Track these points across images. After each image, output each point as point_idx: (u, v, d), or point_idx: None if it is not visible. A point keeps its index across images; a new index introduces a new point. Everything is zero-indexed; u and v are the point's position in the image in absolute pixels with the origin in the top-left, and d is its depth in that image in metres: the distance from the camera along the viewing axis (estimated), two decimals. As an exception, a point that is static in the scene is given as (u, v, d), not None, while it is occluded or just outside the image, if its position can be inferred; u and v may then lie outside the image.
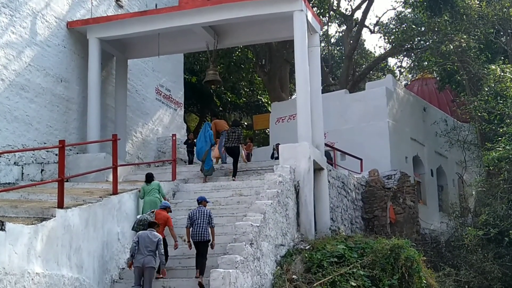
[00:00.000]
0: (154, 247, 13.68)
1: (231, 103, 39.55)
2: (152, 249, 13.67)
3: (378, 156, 25.01)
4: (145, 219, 15.02)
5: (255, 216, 15.74)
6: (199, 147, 20.42)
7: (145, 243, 13.67)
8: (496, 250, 21.72)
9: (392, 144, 25.81)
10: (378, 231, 22.07)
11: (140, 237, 13.77)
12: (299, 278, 16.45)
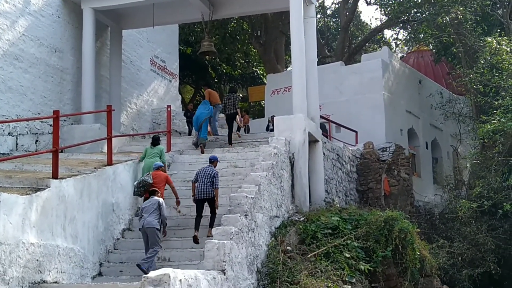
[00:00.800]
0: (154, 209, 14.10)
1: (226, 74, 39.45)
2: (153, 212, 14.07)
3: (373, 129, 25.01)
4: (143, 181, 15.48)
5: (250, 187, 15.76)
6: (198, 113, 20.42)
7: (147, 208, 14.20)
8: (489, 222, 21.84)
9: (387, 116, 25.80)
10: (373, 203, 22.14)
11: (143, 205, 14.40)
12: (294, 249, 16.52)
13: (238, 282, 14.12)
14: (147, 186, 15.43)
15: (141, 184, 15.55)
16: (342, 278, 15.87)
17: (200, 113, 20.41)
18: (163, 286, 10.81)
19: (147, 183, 15.47)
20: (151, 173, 15.83)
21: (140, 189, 15.56)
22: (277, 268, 15.47)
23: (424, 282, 18.52)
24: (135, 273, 13.84)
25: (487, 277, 21.24)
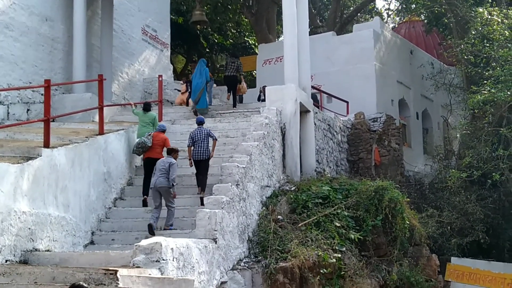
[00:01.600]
0: (166, 169, 14.57)
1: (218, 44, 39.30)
2: (164, 172, 14.54)
3: (364, 99, 25.05)
4: (143, 142, 16.11)
5: (241, 157, 15.84)
6: (194, 84, 20.45)
7: (159, 167, 14.76)
8: (478, 192, 22.00)
9: (378, 87, 25.83)
10: (363, 173, 22.25)
11: (157, 164, 14.94)
12: (284, 218, 16.65)
13: (229, 250, 14.26)
14: (145, 148, 16.12)
15: (140, 145, 16.17)
16: (332, 247, 16.03)
17: (195, 84, 20.43)
18: (154, 255, 10.91)
19: (145, 145, 16.09)
20: (152, 134, 16.31)
21: (139, 149, 16.20)
22: (268, 237, 15.60)
23: (413, 251, 18.72)
24: (127, 241, 13.96)
25: (475, 246, 21.44)
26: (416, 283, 17.46)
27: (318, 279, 15.28)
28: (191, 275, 11.87)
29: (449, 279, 18.96)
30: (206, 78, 20.53)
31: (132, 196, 16.16)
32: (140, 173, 17.10)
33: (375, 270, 17.38)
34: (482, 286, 18.19)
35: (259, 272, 14.95)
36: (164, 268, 10.94)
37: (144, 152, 16.22)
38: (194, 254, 12.31)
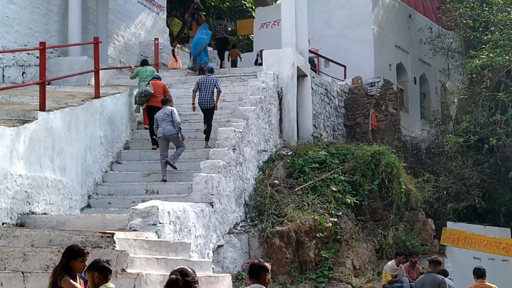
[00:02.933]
0: (170, 118, 14.93)
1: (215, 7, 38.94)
2: (169, 120, 14.92)
3: (362, 63, 24.90)
4: (145, 91, 16.24)
5: (238, 122, 15.80)
6: (196, 39, 20.41)
7: (161, 117, 15.03)
8: (475, 157, 22.02)
9: (376, 51, 25.66)
10: (360, 137, 22.24)
11: (157, 116, 15.17)
12: (281, 183, 16.68)
13: (226, 214, 14.30)
14: (148, 96, 16.25)
15: (143, 94, 16.25)
16: (328, 211, 16.09)
17: (198, 38, 20.38)
18: (151, 218, 10.94)
19: (149, 93, 16.22)
20: (151, 83, 16.41)
21: (142, 98, 16.32)
22: (265, 201, 15.65)
23: (409, 215, 18.81)
24: (123, 205, 13.97)
25: (471, 210, 21.54)
26: (412, 247, 17.56)
27: (314, 243, 15.37)
28: (187, 239, 11.92)
29: (445, 243, 19.03)
30: (209, 37, 20.53)
31: (129, 160, 16.14)
32: (137, 137, 17.07)
33: (371, 234, 17.48)
34: (478, 250, 18.29)
35: (255, 236, 15.03)
36: (161, 231, 10.97)
37: (147, 100, 16.34)
38: (190, 218, 12.35)
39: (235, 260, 14.46)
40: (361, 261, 16.53)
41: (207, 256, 12.98)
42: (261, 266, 6.64)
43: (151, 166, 15.68)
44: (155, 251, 10.20)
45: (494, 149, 21.68)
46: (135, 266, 9.15)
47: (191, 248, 11.69)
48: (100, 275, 6.18)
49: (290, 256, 15.10)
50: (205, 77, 16.56)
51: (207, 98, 16.17)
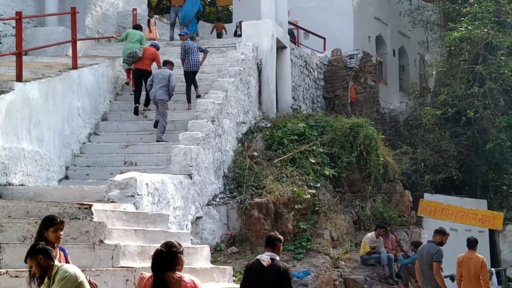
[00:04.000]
0: (165, 82, 15.21)
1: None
2: (164, 84, 15.20)
3: (341, 35, 24.85)
4: (134, 52, 16.55)
5: (217, 93, 15.76)
6: (185, 10, 20.44)
7: (158, 78, 15.36)
8: (453, 129, 22.15)
9: (355, 23, 25.62)
10: (339, 110, 22.27)
11: (154, 75, 15.52)
12: (260, 155, 16.70)
13: (204, 186, 14.32)
14: (135, 58, 16.49)
15: (131, 54, 16.55)
16: (307, 183, 16.16)
17: (186, 10, 20.38)
18: (129, 190, 10.92)
19: (136, 55, 16.48)
20: (143, 47, 16.73)
21: (129, 59, 16.58)
22: (244, 173, 15.68)
23: (387, 187, 18.94)
24: (101, 176, 13.92)
25: (448, 182, 21.71)
26: (389, 219, 17.70)
27: (292, 214, 15.45)
28: (166, 210, 11.93)
29: (422, 214, 19.20)
30: (197, 8, 20.45)
31: (107, 132, 16.06)
32: (115, 109, 16.97)
33: (349, 205, 17.60)
34: (454, 221, 18.46)
35: (234, 208, 15.08)
36: (139, 203, 10.97)
37: (134, 62, 16.55)
38: (169, 190, 12.35)
39: (213, 231, 14.51)
40: (339, 232, 16.65)
41: (186, 227, 13.01)
42: (277, 238, 7.86)
43: (129, 137, 15.63)
44: (133, 222, 10.20)
45: (471, 121, 21.83)
46: (113, 238, 9.15)
47: (170, 219, 11.70)
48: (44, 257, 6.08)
49: (268, 228, 15.15)
50: (192, 44, 16.94)
51: (194, 62, 16.64)
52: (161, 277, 5.61)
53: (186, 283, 5.72)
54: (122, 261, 8.72)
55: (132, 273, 8.49)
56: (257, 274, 7.64)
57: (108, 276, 8.29)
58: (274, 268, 7.56)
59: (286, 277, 7.56)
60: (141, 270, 8.51)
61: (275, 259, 7.66)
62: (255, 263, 7.76)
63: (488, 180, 22.64)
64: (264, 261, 7.62)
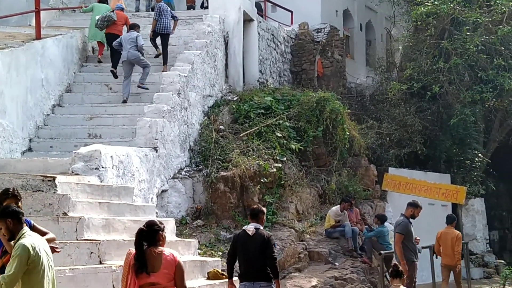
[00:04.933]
0: (134, 41, 15.50)
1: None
2: (134, 44, 15.47)
3: (309, 9, 24.74)
4: (109, 16, 16.82)
5: (183, 66, 15.66)
6: None
7: (127, 41, 15.56)
8: (418, 104, 22.31)
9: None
10: (306, 84, 22.25)
11: (123, 38, 15.76)
12: (226, 128, 16.66)
13: (170, 159, 14.26)
14: (110, 22, 16.59)
15: (106, 18, 16.64)
16: (273, 156, 16.19)
17: None
18: (94, 162, 10.83)
19: (112, 19, 16.64)
20: (116, 12, 16.86)
21: (104, 23, 16.62)
22: (210, 146, 15.64)
23: (353, 161, 19.05)
24: (65, 149, 13.79)
25: (413, 157, 21.91)
26: (354, 192, 17.83)
27: (258, 188, 15.48)
28: (131, 183, 11.86)
29: (386, 188, 19.37)
30: None
31: (71, 103, 15.86)
32: (80, 80, 16.74)
33: (314, 179, 17.68)
34: (418, 195, 18.61)
35: (200, 181, 15.05)
36: (104, 175, 10.88)
37: (107, 27, 16.63)
38: (134, 163, 12.27)
39: (179, 204, 14.49)
40: (304, 206, 16.75)
41: (151, 200, 12.97)
42: (260, 210, 8.95)
43: (93, 109, 15.46)
44: (97, 195, 10.12)
45: (436, 96, 22.00)
46: (77, 210, 9.07)
47: (135, 192, 11.64)
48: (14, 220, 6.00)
49: (234, 201, 15.19)
50: (164, 5, 17.04)
51: (167, 23, 16.77)
52: (142, 253, 6.21)
53: (166, 256, 6.31)
54: (86, 234, 8.66)
55: (96, 245, 8.45)
56: (244, 242, 8.68)
57: (72, 249, 8.23)
58: (259, 236, 8.58)
59: (269, 244, 8.57)
60: (105, 243, 8.49)
61: (259, 229, 8.71)
62: (242, 233, 8.82)
63: (452, 154, 22.87)
64: (249, 231, 8.63)
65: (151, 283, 6.20)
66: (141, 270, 6.18)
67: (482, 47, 21.09)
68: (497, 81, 21.05)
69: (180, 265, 6.35)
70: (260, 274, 8.55)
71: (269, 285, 8.60)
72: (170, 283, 6.28)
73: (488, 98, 21.25)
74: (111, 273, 8.16)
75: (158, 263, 6.25)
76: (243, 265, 8.78)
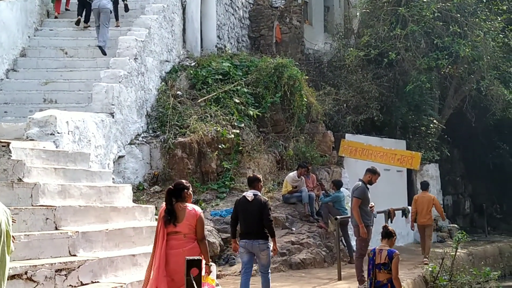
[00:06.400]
0: None
1: None
2: None
3: (267, -26, 24.62)
4: None
5: (139, 30, 15.51)
6: None
7: None
8: (375, 71, 22.43)
9: (282, -38, 25.37)
10: (264, 50, 22.22)
11: None
12: (184, 94, 16.61)
13: (127, 125, 14.18)
14: None
15: None
16: (231, 122, 16.21)
17: None
18: (49, 128, 10.72)
19: None
20: None
21: None
22: (167, 112, 15.59)
23: (310, 127, 19.15)
24: (20, 114, 13.61)
25: (369, 123, 22.07)
26: (311, 158, 17.96)
27: (216, 154, 15.51)
28: (87, 149, 11.78)
29: (343, 154, 19.52)
30: None
31: (26, 68, 15.60)
32: (34, 45, 16.43)
33: (272, 145, 17.75)
34: (374, 161, 18.81)
35: (157, 147, 15.03)
36: (59, 141, 10.79)
37: None
38: (90, 128, 12.18)
39: (136, 170, 14.47)
40: (262, 171, 16.80)
41: (108, 166, 12.91)
42: (256, 178, 10.02)
43: (49, 74, 15.24)
44: (53, 161, 10.03)
45: (393, 63, 22.15)
46: (32, 176, 8.98)
47: (91, 158, 11.57)
48: None
49: (192, 167, 15.21)
50: None
51: None
52: (171, 207, 7.53)
53: (189, 210, 7.57)
54: (42, 200, 8.59)
55: (52, 211, 8.39)
56: (244, 207, 9.82)
57: (27, 215, 8.17)
58: (257, 201, 9.71)
59: (265, 208, 9.71)
60: (61, 209, 8.44)
61: (257, 195, 9.81)
62: (242, 199, 9.96)
63: (408, 121, 23.11)
64: (248, 197, 9.77)
65: (175, 232, 7.47)
66: (169, 222, 7.47)
67: (438, 14, 21.25)
68: (452, 48, 21.25)
69: (200, 218, 7.59)
70: (258, 233, 9.70)
71: (266, 243, 9.74)
72: (191, 232, 7.50)
73: (444, 65, 21.47)
74: (67, 239, 8.13)
75: (182, 215, 7.51)
76: (243, 226, 9.89)
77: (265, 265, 9.88)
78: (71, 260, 7.81)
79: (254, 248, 9.75)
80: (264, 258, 9.79)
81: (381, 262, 9.17)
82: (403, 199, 21.39)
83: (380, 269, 9.17)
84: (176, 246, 7.44)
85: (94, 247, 8.46)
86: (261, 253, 9.74)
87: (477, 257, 19.13)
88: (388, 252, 9.20)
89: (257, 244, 9.69)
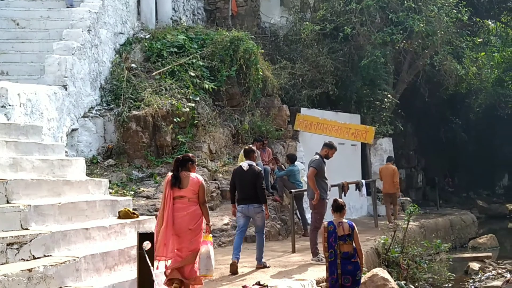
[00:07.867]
0: None
1: None
2: None
3: None
4: None
5: (93, 2, 15.31)
6: None
7: None
8: (330, 45, 22.49)
9: None
10: (220, 23, 22.09)
11: None
12: (138, 67, 16.47)
13: (80, 98, 14.03)
14: None
15: None
16: (186, 96, 16.14)
17: None
18: (0, 100, 10.53)
19: None
20: None
21: None
22: (121, 85, 15.46)
23: (266, 101, 19.17)
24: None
25: (324, 97, 22.17)
26: (267, 132, 18.01)
27: (171, 127, 15.45)
28: (39, 122, 11.62)
29: (298, 128, 19.60)
30: None
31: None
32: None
33: (228, 119, 17.75)
34: (329, 135, 18.94)
35: (111, 120, 14.91)
36: (11, 113, 10.62)
37: None
38: (42, 101, 12.02)
39: (90, 144, 14.34)
40: (217, 145, 16.83)
41: (60, 139, 12.76)
42: (251, 150, 11.13)
43: (0, 45, 14.94)
44: (4, 134, 9.85)
45: (348, 37, 22.22)
46: (-18, 149, 8.83)
47: (43, 131, 11.42)
48: None
49: (146, 141, 15.14)
50: None
51: None
52: (177, 173, 8.70)
53: (192, 178, 8.74)
54: (-8, 173, 8.45)
55: (3, 185, 8.26)
56: (240, 176, 10.90)
57: (-22, 189, 8.03)
58: (252, 171, 10.79)
59: (259, 177, 10.82)
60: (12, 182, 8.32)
61: (252, 165, 10.86)
62: (239, 169, 11.07)
63: (362, 95, 23.26)
64: (244, 167, 10.85)
65: (180, 196, 8.66)
66: (174, 185, 8.66)
67: (393, -11, 21.40)
68: (407, 23, 21.43)
69: (202, 184, 8.80)
70: (253, 198, 10.78)
71: (260, 206, 10.84)
72: (194, 196, 8.70)
73: (398, 40, 21.66)
74: (18, 212, 8.02)
75: (186, 182, 8.69)
76: (239, 193, 10.98)
77: (260, 226, 11.03)
78: (23, 234, 7.71)
79: (250, 212, 10.84)
80: (259, 219, 10.93)
81: (345, 233, 9.37)
82: (357, 173, 21.62)
83: (345, 241, 9.37)
84: (181, 209, 8.65)
85: (47, 221, 8.36)
86: (256, 215, 10.86)
87: (428, 229, 19.47)
88: (348, 223, 9.47)
89: (252, 207, 10.79)
